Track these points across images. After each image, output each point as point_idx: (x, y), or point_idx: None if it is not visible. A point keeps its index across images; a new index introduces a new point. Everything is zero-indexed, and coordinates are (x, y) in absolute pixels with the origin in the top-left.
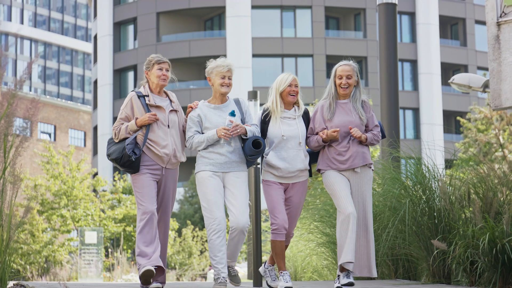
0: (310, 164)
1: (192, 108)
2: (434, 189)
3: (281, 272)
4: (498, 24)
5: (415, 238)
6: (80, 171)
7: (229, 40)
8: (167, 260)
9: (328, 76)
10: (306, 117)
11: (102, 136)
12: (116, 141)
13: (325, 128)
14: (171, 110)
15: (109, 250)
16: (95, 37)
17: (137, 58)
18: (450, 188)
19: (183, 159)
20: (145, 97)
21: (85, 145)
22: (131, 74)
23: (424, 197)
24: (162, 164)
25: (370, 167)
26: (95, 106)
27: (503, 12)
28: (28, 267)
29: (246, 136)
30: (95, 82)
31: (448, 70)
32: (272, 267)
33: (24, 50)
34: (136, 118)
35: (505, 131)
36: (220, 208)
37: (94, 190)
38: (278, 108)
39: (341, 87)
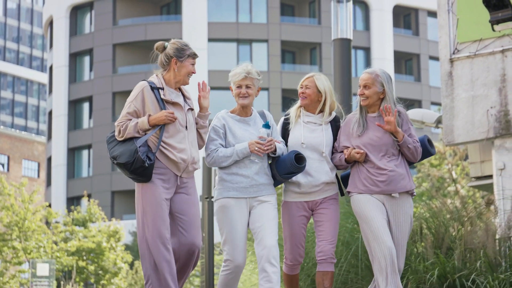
0: (341, 185)
1: (201, 92)
2: None
3: None
4: (451, 61)
5: (367, 273)
6: (33, 203)
7: None
8: None
9: (283, 109)
10: (335, 125)
11: (56, 167)
12: (119, 139)
13: (348, 146)
14: (189, 109)
15: (61, 282)
16: (51, 67)
17: (92, 89)
18: None
19: (199, 167)
20: (159, 90)
21: (38, 176)
22: (86, 105)
23: None
24: (177, 172)
25: (411, 195)
26: (49, 137)
27: (456, 49)
28: None
29: (275, 154)
30: (50, 112)
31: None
32: None
33: None
34: (149, 115)
35: (458, 166)
36: (243, 252)
37: (47, 222)
38: (293, 111)
39: (360, 98)
